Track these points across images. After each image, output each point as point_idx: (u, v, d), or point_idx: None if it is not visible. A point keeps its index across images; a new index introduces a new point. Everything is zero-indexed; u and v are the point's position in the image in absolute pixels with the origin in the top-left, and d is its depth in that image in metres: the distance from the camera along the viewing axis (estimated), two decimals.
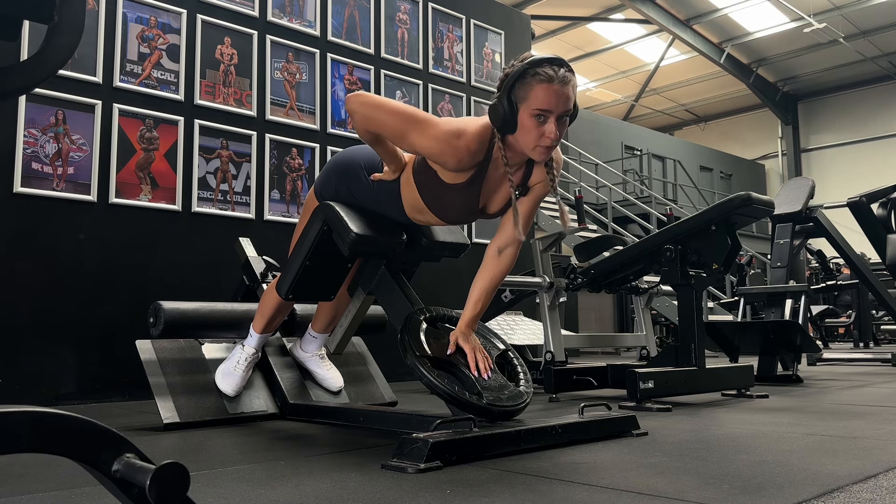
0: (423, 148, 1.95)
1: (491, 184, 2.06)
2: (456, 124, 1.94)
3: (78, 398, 3.31)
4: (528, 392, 2.17)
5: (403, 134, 1.95)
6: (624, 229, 10.73)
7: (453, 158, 1.94)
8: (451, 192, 2.04)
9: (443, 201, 2.07)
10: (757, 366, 4.23)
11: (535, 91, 1.86)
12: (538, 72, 1.86)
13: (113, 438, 0.82)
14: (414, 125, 1.93)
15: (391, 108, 1.97)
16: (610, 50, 16.87)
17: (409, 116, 1.95)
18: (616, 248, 3.86)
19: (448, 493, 1.45)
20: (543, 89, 1.86)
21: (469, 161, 1.96)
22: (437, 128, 1.92)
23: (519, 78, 1.87)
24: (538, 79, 1.86)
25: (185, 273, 3.73)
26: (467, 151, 1.93)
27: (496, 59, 5.53)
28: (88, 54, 3.50)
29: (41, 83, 0.87)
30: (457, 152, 1.93)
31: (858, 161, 18.13)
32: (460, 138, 1.92)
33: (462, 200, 2.05)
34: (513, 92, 1.88)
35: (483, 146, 1.97)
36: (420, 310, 2.21)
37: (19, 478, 1.65)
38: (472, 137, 1.93)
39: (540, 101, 1.86)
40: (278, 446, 2.10)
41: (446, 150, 1.92)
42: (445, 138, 1.91)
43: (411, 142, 1.95)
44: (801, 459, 1.79)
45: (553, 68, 1.87)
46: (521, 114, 1.88)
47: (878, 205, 5.63)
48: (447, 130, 1.92)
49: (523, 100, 1.87)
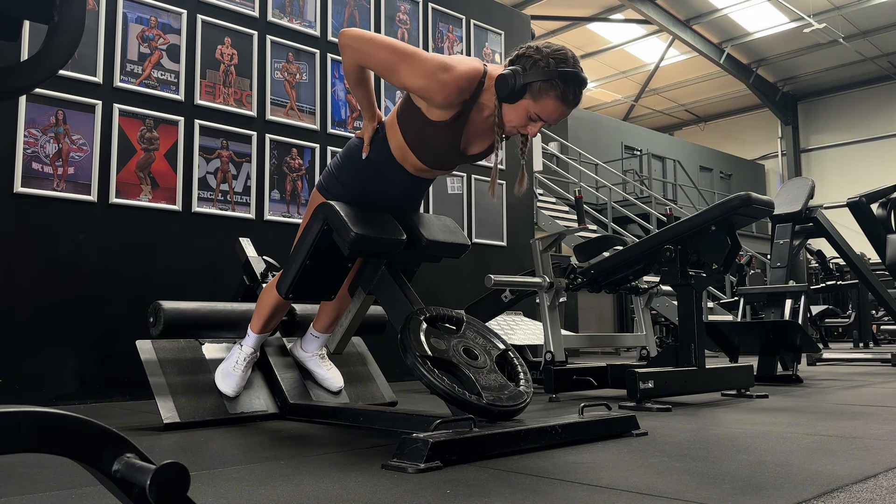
0: (413, 82, 1.98)
1: (473, 127, 2.10)
2: (445, 59, 1.97)
3: (78, 398, 3.31)
4: (528, 392, 2.17)
5: (393, 67, 1.99)
6: (624, 229, 10.73)
7: (440, 94, 1.97)
8: (434, 129, 2.07)
9: (426, 140, 2.11)
10: (757, 366, 4.23)
11: (547, 100, 1.92)
12: (562, 88, 1.91)
13: (113, 438, 0.82)
14: (404, 59, 1.97)
15: (382, 42, 2.02)
16: (610, 50, 16.87)
17: (399, 50, 1.99)
18: (616, 248, 3.86)
19: (448, 493, 1.45)
20: (554, 105, 1.93)
21: (456, 97, 1.99)
22: (426, 62, 1.95)
23: (542, 78, 1.90)
24: (557, 93, 1.91)
25: (186, 273, 3.73)
26: (455, 87, 1.96)
27: (496, 60, 5.53)
28: (88, 54, 3.50)
29: (41, 83, 0.87)
30: (445, 87, 1.95)
31: (858, 161, 18.13)
32: (448, 72, 1.95)
33: (444, 139, 2.09)
34: (529, 83, 1.91)
35: (471, 85, 1.99)
36: (420, 310, 2.21)
37: (19, 478, 1.65)
38: (461, 74, 1.96)
39: (545, 112, 1.94)
40: (278, 446, 2.10)
41: (434, 85, 1.95)
42: (434, 72, 1.94)
43: (401, 77, 1.99)
44: (801, 459, 1.79)
45: (575, 92, 1.93)
46: (523, 100, 1.93)
47: (878, 205, 5.63)
48: (436, 64, 1.95)
49: (532, 96, 1.93)
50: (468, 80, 1.98)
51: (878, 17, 14.94)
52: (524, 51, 1.96)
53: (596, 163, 12.58)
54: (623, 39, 16.49)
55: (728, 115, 20.75)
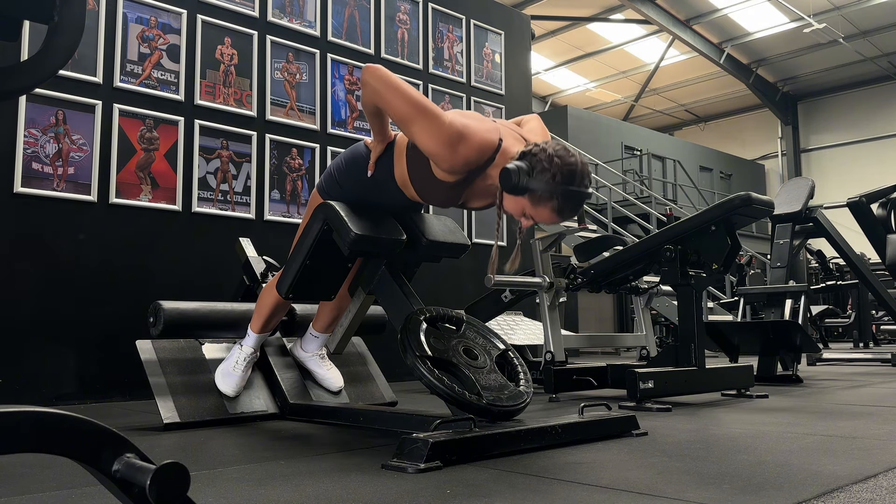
0: (424, 142, 1.94)
1: (475, 189, 2.08)
2: (462, 127, 1.91)
3: (78, 398, 3.31)
4: (528, 392, 2.17)
5: (409, 122, 1.94)
6: (624, 229, 10.73)
7: (447, 163, 1.94)
8: (437, 183, 2.06)
9: (426, 187, 2.09)
10: (757, 366, 4.23)
11: (544, 208, 1.88)
12: (560, 203, 1.87)
13: (113, 438, 0.82)
14: (422, 116, 1.91)
15: (404, 92, 1.95)
16: (610, 50, 16.87)
17: (419, 106, 1.92)
18: (616, 248, 3.86)
19: (448, 493, 1.45)
20: (549, 215, 1.90)
21: (462, 168, 1.96)
22: (443, 128, 1.89)
23: (545, 189, 1.85)
24: (555, 205, 1.87)
25: (185, 273, 3.73)
26: (464, 161, 1.93)
27: (496, 60, 5.53)
28: (88, 54, 3.50)
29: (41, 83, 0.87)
30: (453, 158, 1.92)
31: (858, 161, 18.12)
32: (460, 144, 1.90)
33: (445, 193, 2.08)
34: (533, 188, 1.86)
35: (480, 159, 1.95)
36: (420, 310, 2.21)
37: (19, 478, 1.65)
38: (472, 148, 1.92)
39: (538, 216, 1.92)
40: (278, 446, 2.10)
41: (443, 153, 1.91)
42: (447, 140, 1.89)
43: (413, 133, 1.94)
44: (801, 459, 1.79)
45: (573, 209, 1.90)
46: (522, 198, 1.88)
47: (878, 205, 5.63)
48: (453, 131, 1.89)
49: (531, 199, 1.88)
50: (479, 153, 1.93)
51: (878, 17, 14.93)
52: (538, 151, 1.88)
53: (596, 163, 12.59)
54: (623, 39, 16.48)
55: (728, 115, 20.74)
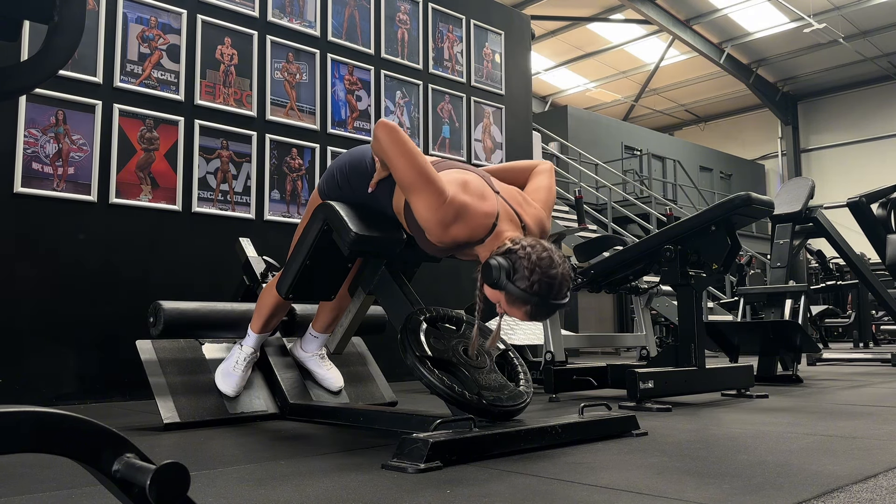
0: (417, 213, 1.94)
1: (462, 252, 2.07)
2: (458, 207, 1.90)
3: (78, 398, 3.31)
4: (528, 392, 2.17)
5: (408, 189, 1.94)
6: (624, 229, 10.73)
7: (436, 237, 1.95)
8: (425, 239, 2.04)
9: (417, 235, 2.07)
10: (757, 366, 4.23)
11: (518, 309, 1.88)
12: (534, 310, 1.87)
13: (113, 438, 0.82)
14: (423, 188, 1.91)
15: (412, 158, 1.93)
16: (610, 50, 16.86)
17: (423, 177, 1.91)
18: (616, 248, 3.86)
19: (448, 493, 1.45)
20: (522, 315, 1.90)
21: (449, 244, 1.97)
22: (440, 205, 1.89)
23: (522, 294, 1.84)
24: (528, 311, 1.88)
25: (185, 273, 3.73)
26: (452, 239, 1.94)
27: (496, 60, 5.53)
28: (88, 54, 3.50)
29: (41, 83, 0.87)
30: (443, 235, 1.93)
31: (858, 161, 18.12)
32: (454, 225, 1.91)
33: (432, 249, 2.06)
34: (510, 291, 1.85)
35: (470, 240, 1.95)
36: (420, 310, 2.21)
37: (19, 478, 1.65)
38: (464, 231, 1.92)
39: (512, 312, 1.91)
40: (278, 446, 2.10)
41: (435, 229, 1.92)
42: (441, 220, 1.90)
43: (411, 199, 1.95)
44: (801, 459, 1.79)
45: (546, 314, 1.92)
46: (502, 290, 1.87)
47: (878, 205, 5.62)
48: (447, 212, 1.89)
49: (507, 298, 1.87)
50: (469, 236, 1.94)
51: (878, 17, 14.93)
52: (523, 254, 1.85)
53: (596, 163, 12.59)
54: (623, 39, 16.48)
55: (728, 115, 20.74)
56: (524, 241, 1.89)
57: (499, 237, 1.95)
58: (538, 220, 2.08)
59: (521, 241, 1.89)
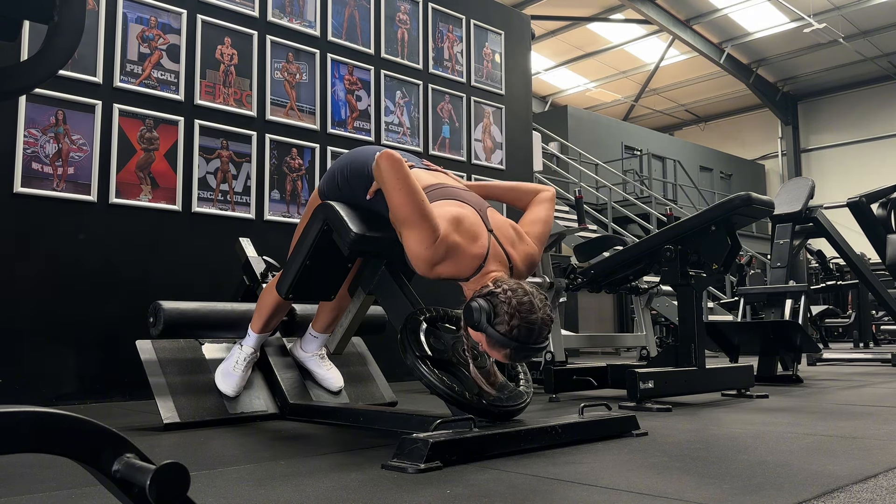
0: (406, 246, 1.96)
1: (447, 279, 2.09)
2: (448, 247, 1.93)
3: (78, 398, 3.31)
4: (528, 392, 2.17)
5: (402, 222, 1.96)
6: (624, 229, 10.73)
7: (421, 271, 1.98)
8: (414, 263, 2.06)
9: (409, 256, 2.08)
10: (757, 366, 4.23)
11: (497, 351, 1.90)
12: (513, 353, 1.89)
13: (113, 438, 0.82)
14: (417, 225, 1.93)
15: (410, 193, 1.94)
16: (610, 50, 16.86)
17: (418, 213, 1.93)
18: (616, 248, 3.86)
19: (448, 493, 1.45)
20: (502, 357, 1.92)
21: (433, 278, 2.00)
22: (430, 244, 1.91)
23: (501, 338, 1.85)
24: (507, 354, 1.89)
25: (185, 273, 3.73)
26: (437, 276, 1.98)
27: (496, 60, 5.53)
28: (88, 54, 3.50)
29: (41, 83, 0.87)
30: (428, 271, 1.97)
31: (858, 161, 18.11)
32: (441, 264, 1.94)
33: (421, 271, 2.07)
34: (489, 334, 1.87)
35: (455, 278, 1.99)
36: (420, 310, 2.21)
37: (19, 478, 1.65)
38: (450, 270, 1.96)
39: (492, 353, 1.94)
40: (278, 446, 2.10)
41: (421, 264, 1.95)
42: (430, 258, 1.93)
43: (401, 230, 1.98)
44: (801, 459, 1.79)
45: (525, 358, 1.94)
46: (482, 333, 1.88)
47: (878, 205, 5.62)
48: (436, 251, 1.92)
49: (487, 340, 1.88)
50: (455, 274, 1.98)
51: (878, 17, 14.92)
52: (504, 298, 1.85)
53: (596, 163, 12.58)
54: (623, 39, 16.47)
55: (728, 115, 20.73)
56: (506, 283, 1.91)
57: (484, 277, 1.98)
58: (528, 260, 2.11)
59: (503, 283, 1.91)
